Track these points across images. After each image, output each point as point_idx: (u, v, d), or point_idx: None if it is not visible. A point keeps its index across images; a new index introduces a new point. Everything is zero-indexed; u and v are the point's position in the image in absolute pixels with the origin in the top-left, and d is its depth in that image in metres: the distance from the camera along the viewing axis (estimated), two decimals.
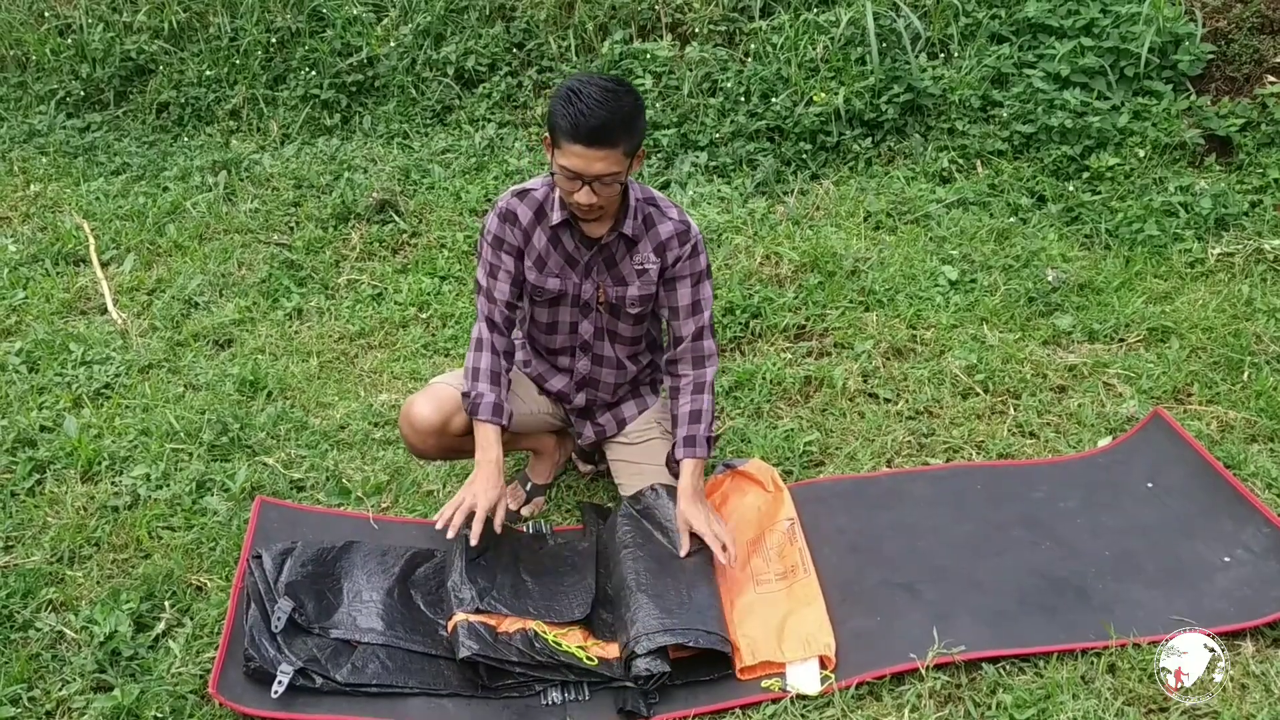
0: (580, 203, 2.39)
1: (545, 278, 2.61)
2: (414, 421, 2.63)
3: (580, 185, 2.36)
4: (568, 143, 2.31)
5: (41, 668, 2.36)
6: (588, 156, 2.31)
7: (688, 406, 2.63)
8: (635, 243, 2.57)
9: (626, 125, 2.33)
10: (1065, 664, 2.24)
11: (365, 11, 5.75)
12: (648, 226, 2.57)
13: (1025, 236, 4.07)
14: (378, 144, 5.31)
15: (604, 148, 2.31)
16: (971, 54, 4.76)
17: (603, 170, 2.33)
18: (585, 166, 2.32)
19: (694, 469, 2.59)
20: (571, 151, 2.31)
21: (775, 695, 2.23)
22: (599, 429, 2.84)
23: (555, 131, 2.35)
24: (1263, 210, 4.07)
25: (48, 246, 4.48)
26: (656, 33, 5.30)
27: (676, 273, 2.60)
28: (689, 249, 2.59)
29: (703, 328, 2.63)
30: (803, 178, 4.64)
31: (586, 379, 2.78)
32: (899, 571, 2.54)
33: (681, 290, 2.62)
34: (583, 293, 2.62)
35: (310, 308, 4.03)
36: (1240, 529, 2.55)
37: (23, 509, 2.88)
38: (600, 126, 2.28)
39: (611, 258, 2.59)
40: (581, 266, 2.59)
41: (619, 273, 2.60)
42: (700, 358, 2.65)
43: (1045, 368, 3.34)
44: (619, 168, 2.35)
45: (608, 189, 2.39)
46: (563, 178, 2.38)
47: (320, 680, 2.25)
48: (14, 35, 6.28)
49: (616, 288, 2.62)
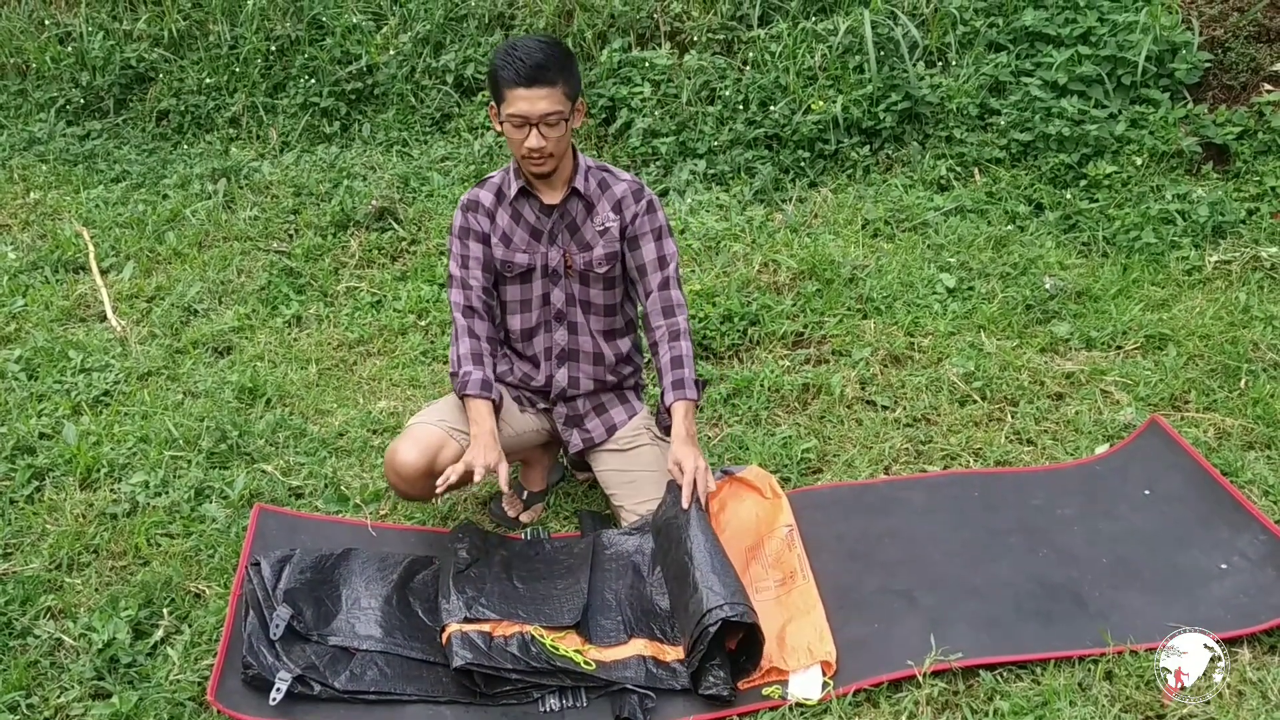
0: (531, 148, 2.50)
1: (513, 253, 2.69)
2: (399, 468, 2.60)
3: (528, 129, 2.48)
4: (510, 89, 2.46)
5: (40, 675, 2.36)
6: (531, 97, 2.45)
7: (668, 355, 2.67)
8: (593, 206, 2.67)
9: (563, 66, 2.48)
10: (1062, 671, 2.25)
11: (365, 20, 5.76)
12: (603, 189, 2.69)
13: (1023, 244, 4.08)
14: (377, 152, 5.32)
15: (545, 86, 2.45)
16: (969, 62, 4.77)
17: (547, 109, 2.46)
18: (530, 108, 2.46)
19: (684, 412, 2.62)
20: (516, 96, 2.46)
21: (774, 703, 2.23)
22: (587, 436, 2.83)
23: (498, 85, 2.49)
24: (1260, 218, 4.08)
25: (47, 254, 4.49)
26: (655, 41, 5.31)
27: (637, 230, 2.69)
28: (644, 204, 2.69)
29: (668, 278, 2.70)
30: (801, 185, 4.65)
31: (565, 351, 2.79)
32: (896, 578, 2.54)
33: (646, 247, 2.70)
34: (549, 260, 2.70)
35: (309, 315, 4.04)
36: (1237, 536, 2.56)
37: (21, 516, 2.89)
38: (539, 65, 2.44)
39: (573, 222, 2.68)
40: (545, 235, 2.68)
41: (582, 237, 2.69)
42: (670, 307, 2.70)
43: (1043, 375, 3.35)
44: (562, 107, 2.48)
45: (554, 130, 2.50)
46: (510, 127, 2.50)
47: (318, 687, 2.25)
48: (14, 43, 6.30)
49: (582, 253, 2.69)
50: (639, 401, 2.92)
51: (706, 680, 2.25)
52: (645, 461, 2.77)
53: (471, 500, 3.00)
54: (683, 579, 2.37)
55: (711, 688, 2.24)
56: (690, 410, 2.63)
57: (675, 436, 2.60)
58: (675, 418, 2.62)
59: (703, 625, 2.22)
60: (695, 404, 2.65)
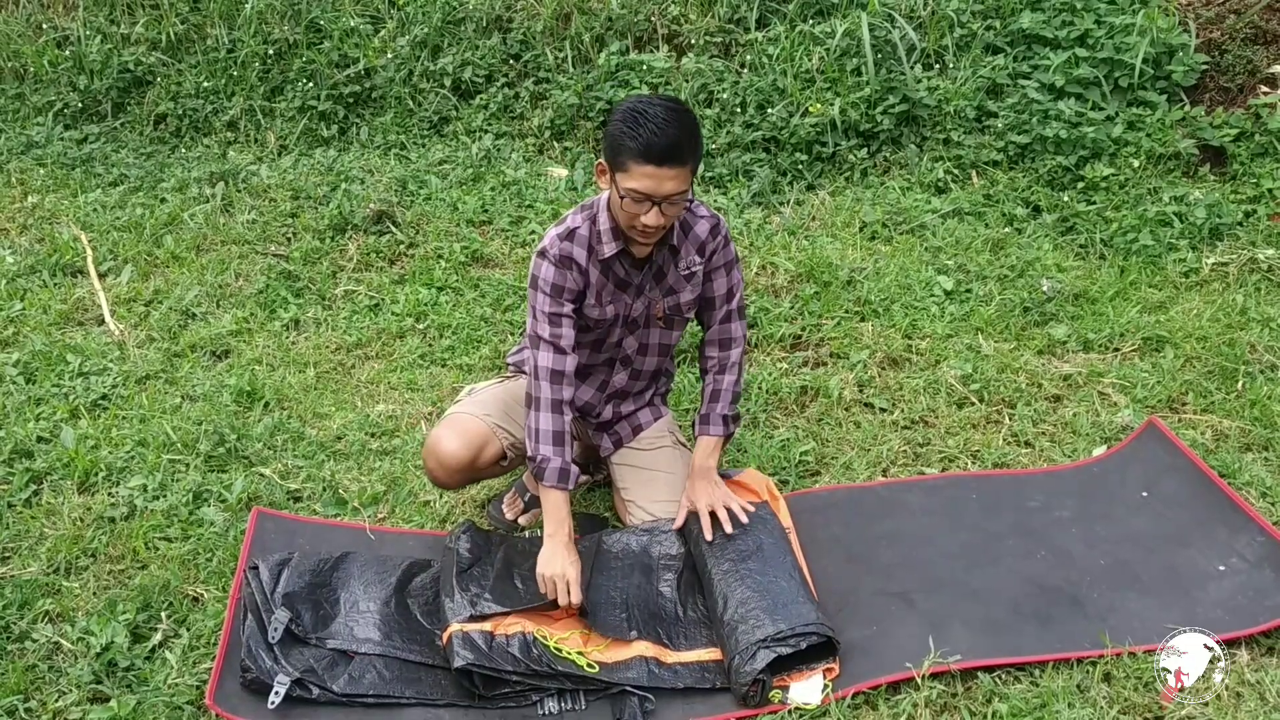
0: (649, 225, 2.35)
1: (603, 309, 2.59)
2: (443, 458, 2.60)
3: (649, 207, 2.33)
4: (637, 164, 2.27)
5: (38, 679, 2.36)
6: (659, 176, 2.28)
7: (710, 387, 2.69)
8: (677, 250, 2.58)
9: (693, 142, 2.32)
10: (1061, 673, 2.25)
11: (362, 23, 5.77)
12: (685, 231, 2.57)
13: (1020, 246, 4.09)
14: (375, 155, 5.32)
15: (675, 166, 2.28)
16: (966, 65, 4.78)
17: (673, 190, 2.31)
18: (656, 187, 2.29)
19: (706, 447, 2.64)
20: (642, 173, 2.28)
21: (773, 708, 2.23)
22: (616, 438, 2.85)
23: (621, 154, 2.30)
24: (1257, 220, 4.09)
25: (45, 258, 4.49)
26: (653, 44, 5.32)
27: (713, 265, 2.63)
28: (721, 240, 2.61)
29: (731, 311, 2.68)
30: (798, 188, 4.66)
31: (619, 391, 2.79)
32: (894, 581, 2.55)
33: (718, 281, 2.65)
34: (633, 312, 2.62)
35: (307, 318, 4.04)
36: (1235, 538, 2.56)
37: (19, 520, 2.89)
38: (671, 145, 2.26)
39: (659, 270, 2.60)
40: (634, 288, 2.60)
41: (667, 284, 2.62)
42: (727, 340, 2.70)
43: (1040, 377, 3.35)
44: (687, 186, 2.33)
45: (675, 209, 2.36)
46: (630, 201, 2.32)
47: (317, 691, 2.25)
48: (12, 47, 6.29)
49: (668, 299, 2.63)
50: (664, 407, 2.94)
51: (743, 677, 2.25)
52: (664, 462, 2.78)
53: (470, 502, 2.99)
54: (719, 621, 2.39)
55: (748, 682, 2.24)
56: (714, 445, 2.65)
57: (692, 468, 2.64)
58: (697, 450, 2.66)
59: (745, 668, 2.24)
60: (722, 439, 2.67)
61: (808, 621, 2.27)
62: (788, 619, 2.27)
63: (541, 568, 2.43)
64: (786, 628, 2.25)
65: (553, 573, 2.41)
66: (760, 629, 2.26)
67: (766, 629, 2.26)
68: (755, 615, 2.30)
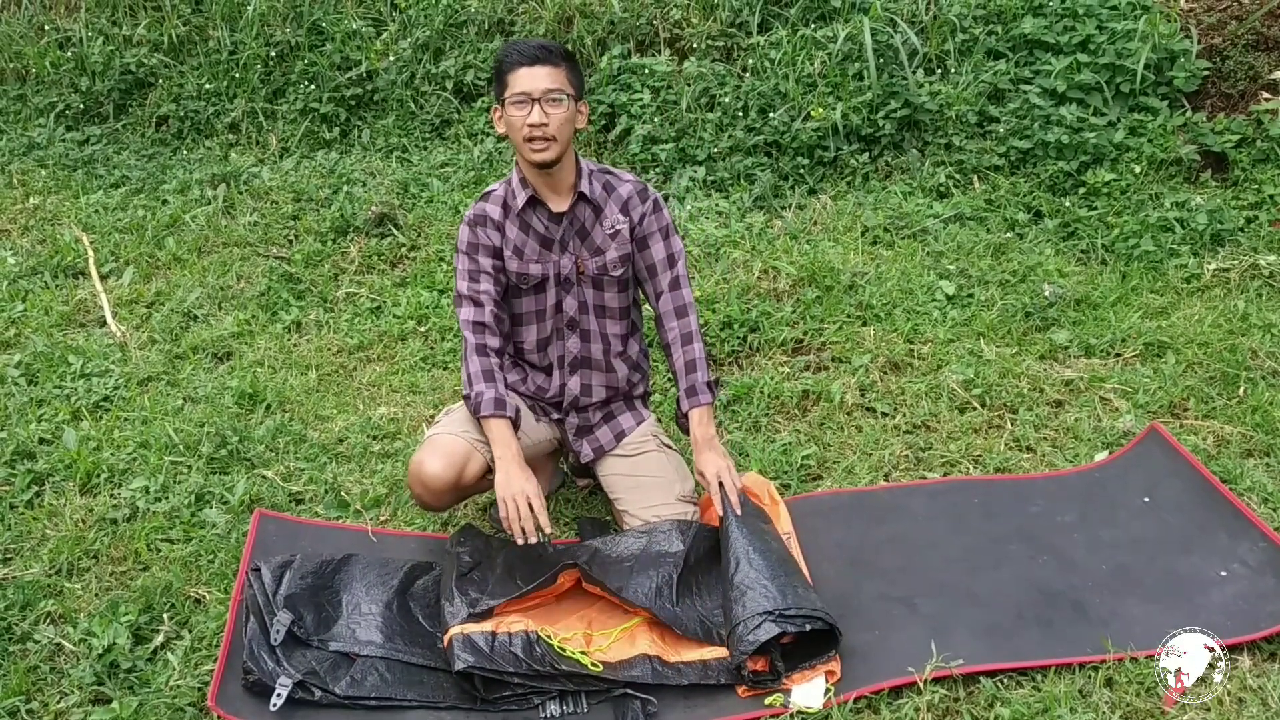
0: (533, 124, 2.49)
1: (526, 264, 2.68)
2: (427, 481, 2.60)
3: (530, 106, 2.49)
4: (513, 71, 2.50)
5: (40, 680, 2.36)
6: (533, 75, 2.49)
7: (681, 359, 2.69)
8: (600, 209, 2.67)
9: (566, 55, 2.54)
10: (1063, 677, 2.25)
11: (365, 26, 5.78)
12: (608, 191, 2.69)
13: (1022, 251, 4.09)
14: (376, 157, 5.33)
15: (547, 65, 2.50)
16: (968, 70, 4.78)
17: (549, 84, 2.49)
18: (532, 84, 2.48)
19: (701, 418, 2.64)
20: (518, 77, 2.49)
21: (776, 711, 2.23)
22: (597, 445, 2.84)
23: (501, 73, 2.53)
24: (1258, 226, 4.10)
25: (47, 259, 4.49)
26: (655, 48, 5.33)
27: (645, 230, 2.70)
28: (651, 204, 2.70)
29: (678, 277, 2.72)
30: (800, 192, 4.66)
31: (578, 359, 2.79)
32: (896, 585, 2.55)
33: (655, 246, 2.71)
34: (562, 269, 2.69)
35: (309, 321, 4.04)
36: (1236, 543, 2.56)
37: (21, 521, 2.89)
38: (539, 47, 2.51)
39: (583, 228, 2.68)
40: (557, 243, 2.67)
41: (593, 241, 2.69)
42: (681, 307, 2.72)
43: (1042, 382, 3.35)
44: (562, 87, 2.50)
45: (557, 109, 2.50)
46: (513, 108, 2.51)
47: (319, 693, 2.25)
48: (14, 48, 6.30)
49: (594, 257, 2.69)
50: (646, 410, 2.93)
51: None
52: (651, 467, 2.78)
53: (471, 505, 2.99)
54: (729, 583, 2.40)
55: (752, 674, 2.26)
56: (706, 414, 2.65)
57: (695, 443, 2.64)
58: (692, 424, 2.65)
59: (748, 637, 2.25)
60: (711, 406, 2.67)
61: (815, 607, 2.29)
62: (796, 601, 2.28)
63: (499, 490, 2.47)
64: (794, 606, 2.26)
65: (512, 493, 2.45)
66: (769, 599, 2.28)
67: (775, 601, 2.28)
68: (765, 586, 2.32)
